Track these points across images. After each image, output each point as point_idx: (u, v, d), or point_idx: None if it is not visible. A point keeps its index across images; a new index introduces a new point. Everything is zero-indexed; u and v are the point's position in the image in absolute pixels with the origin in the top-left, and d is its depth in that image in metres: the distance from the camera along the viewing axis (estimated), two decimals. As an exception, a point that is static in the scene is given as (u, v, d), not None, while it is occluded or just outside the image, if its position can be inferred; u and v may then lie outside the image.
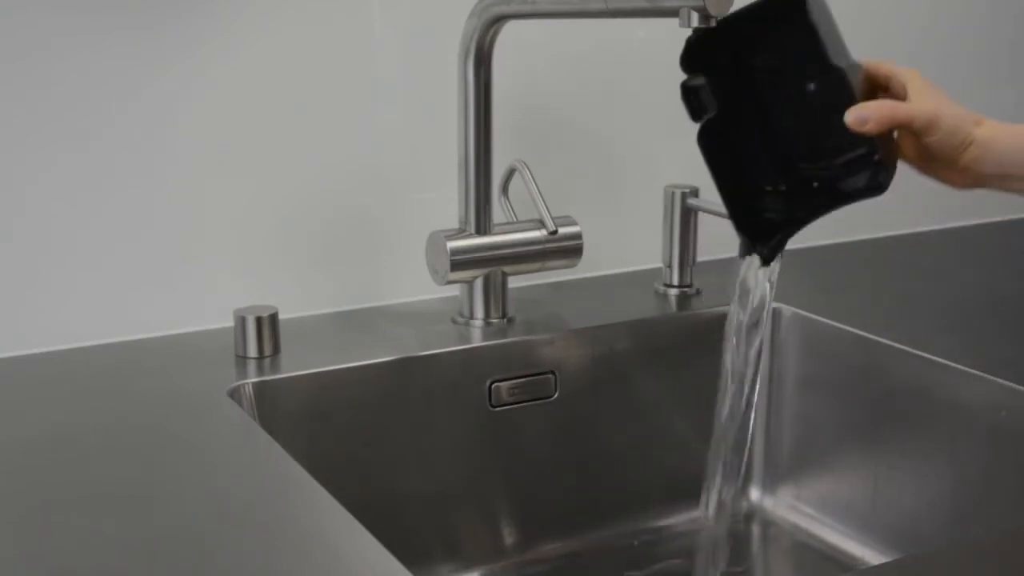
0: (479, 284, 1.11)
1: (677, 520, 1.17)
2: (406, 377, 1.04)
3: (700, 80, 0.85)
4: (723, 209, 0.88)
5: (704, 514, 0.93)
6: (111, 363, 1.03)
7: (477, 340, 1.09)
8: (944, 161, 0.84)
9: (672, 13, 0.87)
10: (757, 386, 0.90)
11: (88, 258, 1.06)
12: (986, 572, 0.75)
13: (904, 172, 1.46)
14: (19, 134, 1.02)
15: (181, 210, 1.09)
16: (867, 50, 1.41)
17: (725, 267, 1.27)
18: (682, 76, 0.86)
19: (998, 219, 1.53)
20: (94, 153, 1.05)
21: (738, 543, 1.18)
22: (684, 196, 1.19)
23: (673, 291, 1.21)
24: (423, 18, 1.15)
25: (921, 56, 1.46)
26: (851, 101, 0.81)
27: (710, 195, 1.21)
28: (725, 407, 0.89)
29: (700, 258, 1.22)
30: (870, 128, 0.80)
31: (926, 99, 0.83)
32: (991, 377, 0.99)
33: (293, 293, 1.13)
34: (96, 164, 1.05)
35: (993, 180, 0.85)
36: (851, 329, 1.10)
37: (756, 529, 1.18)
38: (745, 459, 0.91)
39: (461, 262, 1.08)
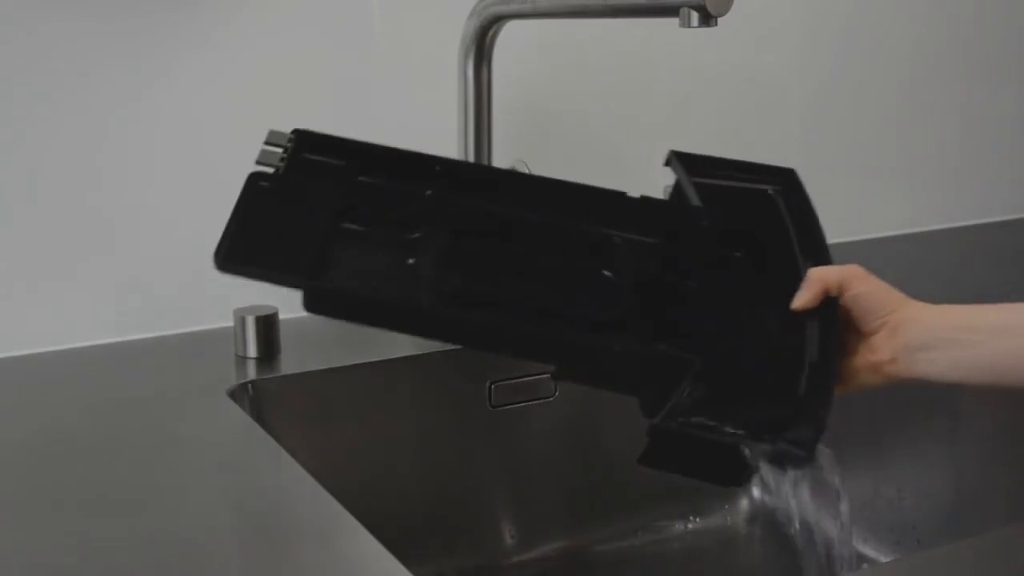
0: (479, 284, 1.11)
1: (677, 520, 1.17)
2: (406, 377, 1.04)
3: None
4: None
5: None
6: (111, 363, 1.03)
7: (477, 340, 1.09)
8: (867, 329, 0.83)
9: (672, 13, 0.86)
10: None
11: (88, 258, 1.06)
12: (986, 572, 0.75)
13: (899, 174, 1.45)
14: (20, 132, 1.02)
15: (181, 209, 1.09)
16: (866, 49, 1.42)
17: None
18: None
19: (999, 219, 1.53)
20: (94, 152, 1.05)
21: (738, 543, 1.18)
22: (684, 196, 1.19)
23: (673, 291, 1.21)
24: (423, 18, 1.15)
25: (920, 56, 1.46)
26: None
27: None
28: None
29: (700, 258, 1.22)
30: (815, 290, 0.82)
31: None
32: (991, 377, 0.99)
33: (293, 293, 1.13)
34: (96, 163, 1.05)
35: (919, 355, 0.82)
36: (851, 329, 1.10)
37: (756, 529, 1.18)
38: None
39: (461, 262, 1.08)
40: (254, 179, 0.84)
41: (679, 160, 0.90)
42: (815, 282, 0.83)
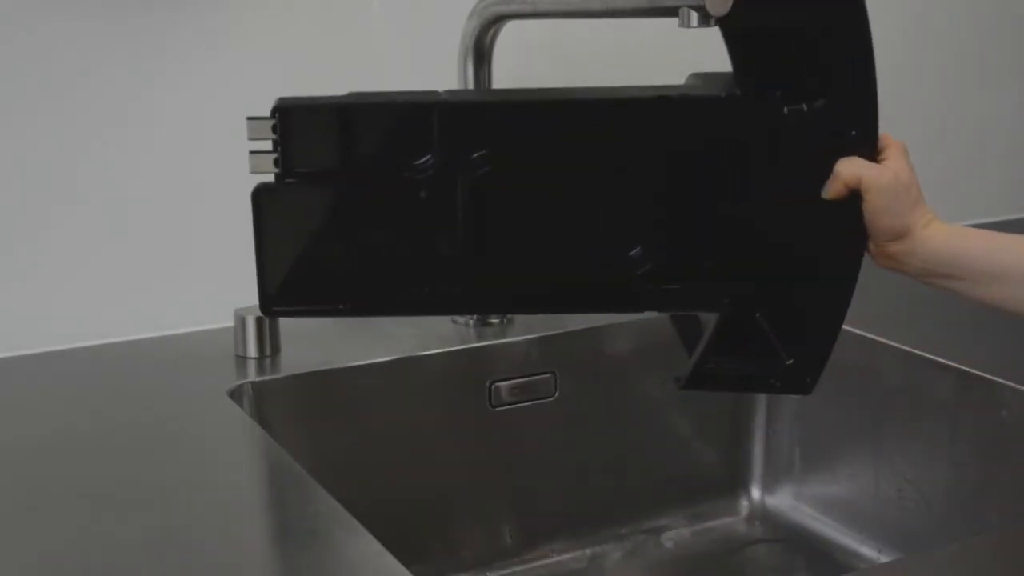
0: (479, 284, 1.11)
1: (677, 520, 1.17)
2: (406, 377, 1.04)
3: None
4: None
5: None
6: (111, 363, 1.04)
7: (477, 340, 1.09)
8: (873, 238, 0.82)
9: (672, 13, 0.86)
10: None
11: (88, 258, 1.06)
12: (986, 572, 0.75)
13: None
14: (20, 132, 1.02)
15: (182, 209, 1.09)
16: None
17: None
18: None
19: (1000, 219, 1.52)
20: (95, 152, 1.05)
21: (739, 543, 1.18)
22: (684, 196, 1.18)
23: (673, 291, 1.21)
24: (423, 18, 1.15)
25: (919, 55, 1.46)
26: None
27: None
28: None
29: (700, 258, 1.22)
30: (838, 187, 0.80)
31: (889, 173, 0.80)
32: (991, 377, 0.99)
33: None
34: (97, 163, 1.05)
35: (914, 278, 0.82)
36: (851, 329, 1.10)
37: (756, 529, 1.18)
38: None
39: (461, 262, 1.08)
40: (259, 196, 0.82)
41: None
42: (837, 179, 0.79)
